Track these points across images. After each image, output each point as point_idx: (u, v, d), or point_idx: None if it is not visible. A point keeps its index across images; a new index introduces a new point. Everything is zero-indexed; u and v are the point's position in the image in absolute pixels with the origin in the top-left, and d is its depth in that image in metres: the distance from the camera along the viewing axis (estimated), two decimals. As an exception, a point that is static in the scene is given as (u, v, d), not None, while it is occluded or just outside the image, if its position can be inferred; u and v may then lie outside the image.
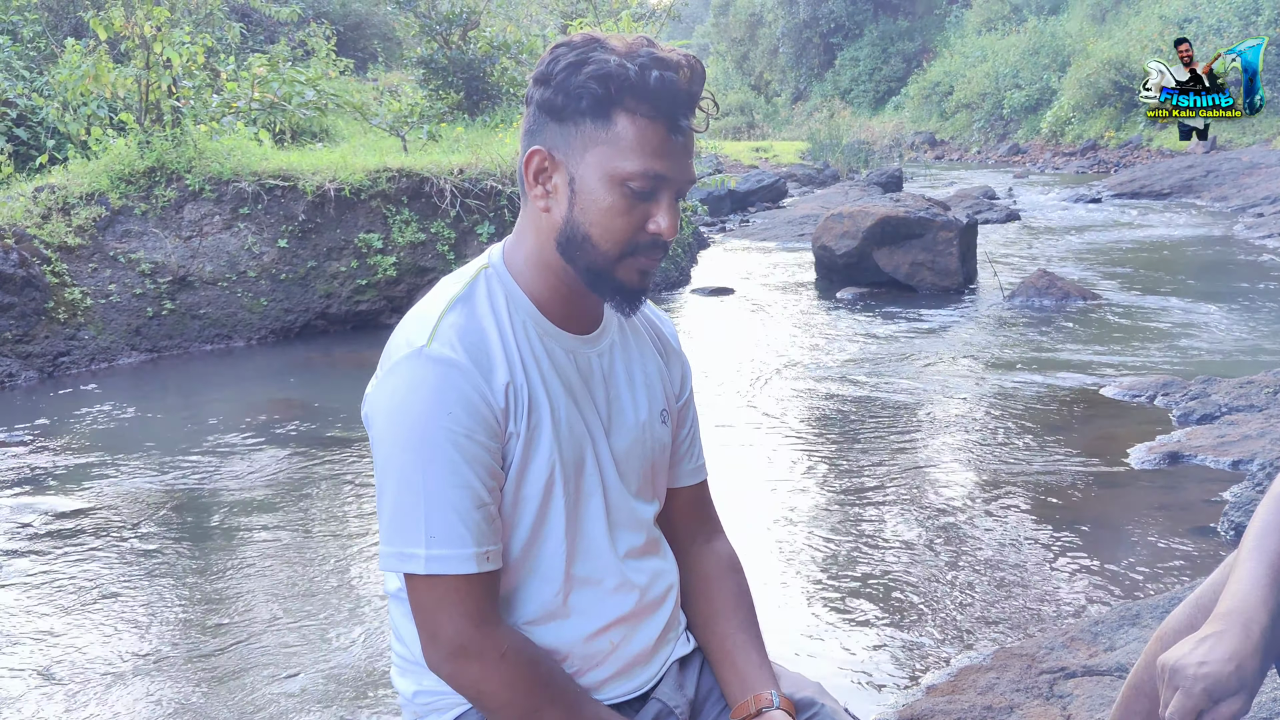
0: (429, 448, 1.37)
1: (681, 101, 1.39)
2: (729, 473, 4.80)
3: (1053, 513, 4.26)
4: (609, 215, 1.40)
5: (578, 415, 1.50)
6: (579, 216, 1.41)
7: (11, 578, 3.88)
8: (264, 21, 17.34)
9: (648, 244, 1.41)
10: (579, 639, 1.52)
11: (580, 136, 1.39)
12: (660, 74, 1.36)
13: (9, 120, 9.35)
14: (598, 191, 1.39)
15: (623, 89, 1.36)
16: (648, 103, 1.37)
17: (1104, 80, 26.21)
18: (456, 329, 1.42)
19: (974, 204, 15.22)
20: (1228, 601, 1.50)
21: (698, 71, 1.40)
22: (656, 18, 15.72)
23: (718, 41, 53.86)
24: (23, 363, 6.79)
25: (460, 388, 1.38)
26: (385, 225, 8.50)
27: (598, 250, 1.41)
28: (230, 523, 4.40)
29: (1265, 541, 1.56)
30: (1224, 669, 1.41)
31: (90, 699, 3.04)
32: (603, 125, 1.38)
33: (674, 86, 1.37)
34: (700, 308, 9.31)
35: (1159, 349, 7.02)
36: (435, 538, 1.38)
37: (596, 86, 1.36)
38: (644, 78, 1.36)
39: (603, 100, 1.37)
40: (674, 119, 1.38)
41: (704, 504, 1.75)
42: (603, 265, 1.42)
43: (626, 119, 1.37)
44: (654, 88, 1.36)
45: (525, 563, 1.49)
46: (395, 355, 1.42)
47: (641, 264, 1.43)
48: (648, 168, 1.38)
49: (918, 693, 2.90)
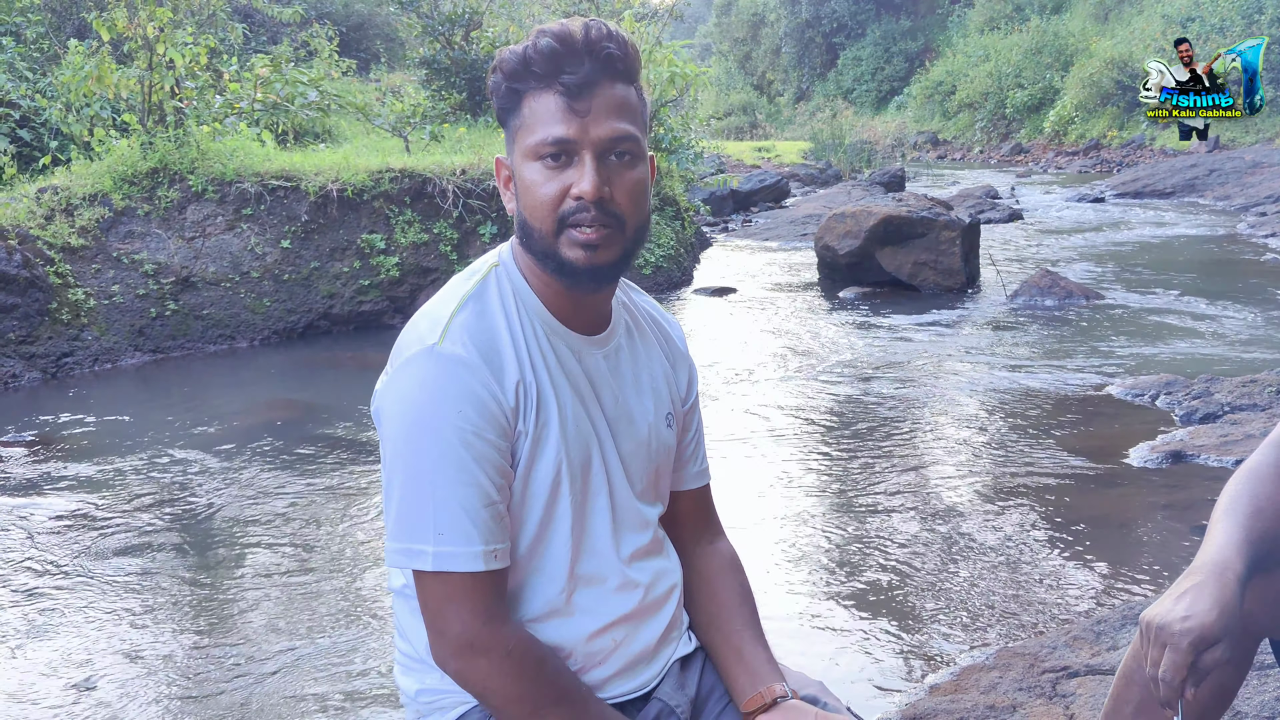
0: (438, 445, 1.37)
1: (568, 62, 1.38)
2: (732, 473, 4.81)
3: (1055, 512, 4.26)
4: (532, 191, 1.41)
5: (584, 415, 1.50)
6: (522, 206, 1.44)
7: (14, 579, 3.88)
8: (267, 22, 17.35)
9: (574, 209, 1.39)
10: (582, 637, 1.52)
11: (510, 132, 1.45)
12: (536, 42, 1.38)
13: (12, 121, 9.36)
14: (525, 175, 1.42)
15: (518, 73, 1.40)
16: (540, 76, 1.39)
17: (1106, 79, 26.20)
18: (467, 327, 1.42)
19: (977, 204, 15.21)
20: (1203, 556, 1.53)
21: (596, 30, 1.39)
22: (658, 18, 15.69)
23: (720, 41, 53.86)
24: (26, 363, 6.80)
25: (470, 386, 1.38)
26: (388, 226, 8.51)
27: (536, 230, 1.42)
28: (234, 524, 4.41)
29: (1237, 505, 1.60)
30: (1207, 619, 1.42)
31: (91, 698, 3.04)
32: (517, 114, 1.43)
33: (555, 50, 1.38)
34: (703, 307, 9.32)
35: (1162, 348, 7.01)
36: (443, 534, 1.38)
37: (502, 80, 1.42)
38: (531, 52, 1.38)
39: (512, 92, 1.42)
40: (564, 81, 1.38)
41: (707, 507, 1.76)
42: (546, 245, 1.42)
43: (529, 98, 1.41)
44: (539, 58, 1.38)
45: (531, 560, 1.49)
46: (406, 352, 1.42)
47: (579, 236, 1.40)
48: (547, 134, 1.38)
49: (921, 692, 2.90)
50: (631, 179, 1.42)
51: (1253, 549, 1.54)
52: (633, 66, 1.43)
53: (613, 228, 1.41)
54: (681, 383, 1.69)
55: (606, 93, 1.39)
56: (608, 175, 1.39)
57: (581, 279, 1.44)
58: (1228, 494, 1.64)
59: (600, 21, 1.39)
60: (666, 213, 11.27)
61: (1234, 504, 1.61)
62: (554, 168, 1.39)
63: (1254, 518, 1.58)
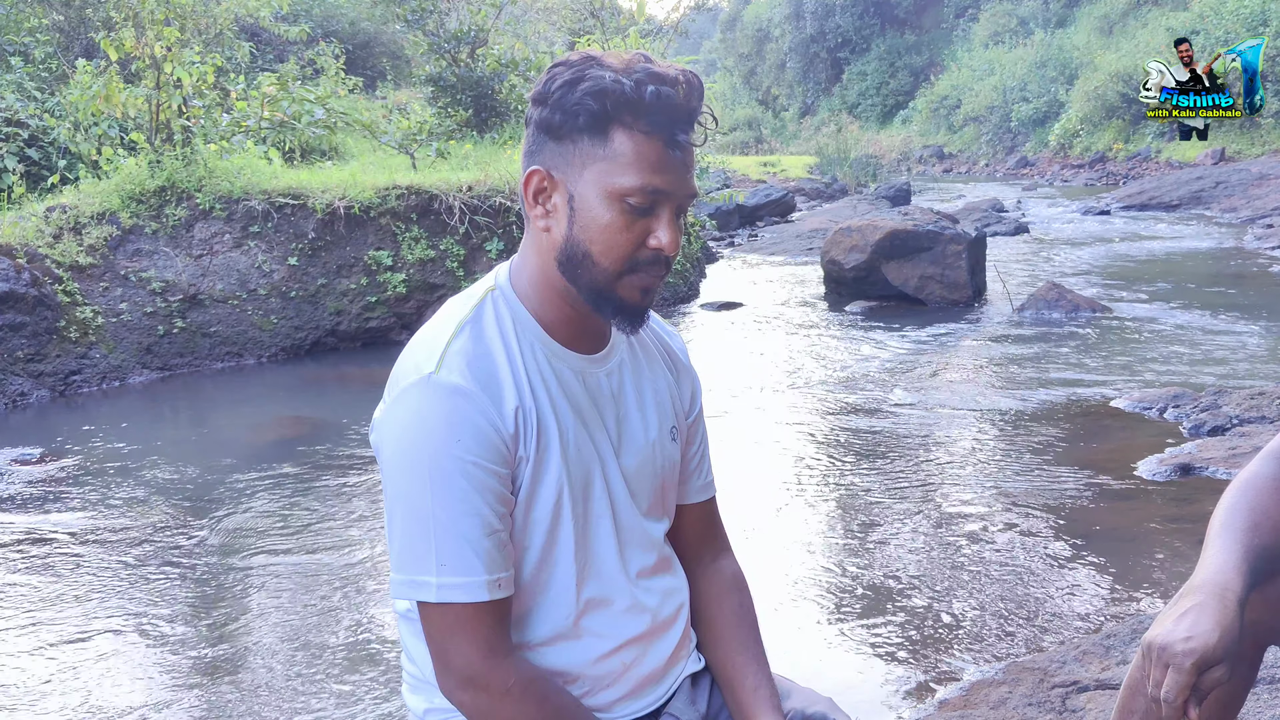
0: (438, 476, 1.36)
1: (679, 116, 1.38)
2: (738, 488, 4.80)
3: (1064, 525, 4.25)
4: (609, 232, 1.38)
5: (586, 436, 1.49)
6: (579, 234, 1.40)
7: (22, 596, 3.88)
8: (273, 40, 17.43)
9: (648, 260, 1.40)
10: (591, 660, 1.51)
11: (578, 154, 1.39)
12: (656, 89, 1.36)
13: (21, 140, 9.41)
14: (597, 208, 1.38)
15: (619, 105, 1.35)
16: (644, 118, 1.36)
17: (1112, 92, 26.23)
18: (465, 355, 1.41)
19: (983, 217, 15.22)
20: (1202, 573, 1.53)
21: (695, 86, 1.39)
22: (664, 34, 15.76)
23: (725, 57, 54.05)
24: (35, 382, 6.82)
25: (469, 415, 1.37)
26: (395, 242, 8.52)
27: (599, 267, 1.40)
28: (241, 541, 4.41)
29: (1233, 519, 1.60)
30: (1209, 640, 1.43)
31: (98, 716, 3.04)
32: (600, 142, 1.37)
33: (671, 101, 1.36)
34: (709, 322, 9.32)
35: (1169, 361, 7.00)
36: (446, 565, 1.37)
37: (593, 103, 1.36)
38: (640, 93, 1.35)
39: (599, 116, 1.36)
40: (671, 134, 1.37)
41: (712, 521, 1.74)
42: (604, 283, 1.41)
43: (624, 134, 1.36)
44: (650, 103, 1.35)
45: (536, 585, 1.48)
46: (403, 382, 1.41)
47: (643, 281, 1.41)
48: (646, 183, 1.36)
49: (930, 708, 2.89)
50: (680, 228, 1.43)
51: (1251, 565, 1.54)
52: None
53: (665, 275, 1.44)
54: (685, 395, 1.68)
55: (691, 152, 1.41)
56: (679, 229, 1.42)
57: (633, 319, 1.45)
58: (1224, 506, 1.63)
59: (695, 75, 1.40)
60: (672, 228, 11.25)
61: (1231, 517, 1.60)
62: (634, 213, 1.38)
63: (1251, 532, 1.58)
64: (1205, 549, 1.58)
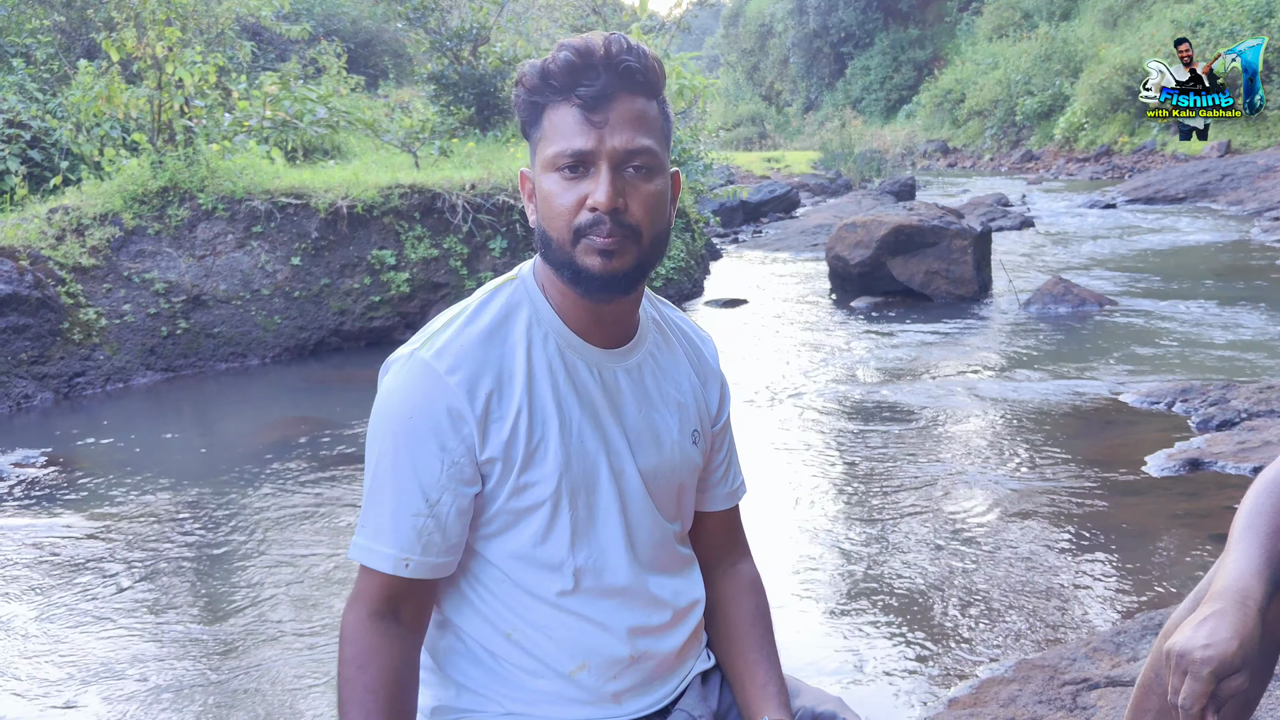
0: (386, 447, 1.43)
1: (590, 75, 1.38)
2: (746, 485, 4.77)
3: (1072, 521, 4.22)
4: (549, 202, 1.42)
5: (594, 431, 1.49)
6: (541, 217, 1.45)
7: (27, 598, 3.87)
8: (275, 40, 17.43)
9: (590, 220, 1.39)
10: (597, 649, 1.51)
11: (532, 145, 1.46)
12: (560, 55, 1.39)
13: (23, 142, 9.41)
14: (542, 185, 1.43)
15: (541, 87, 1.41)
16: (558, 89, 1.40)
17: (1116, 85, 26.13)
18: (451, 338, 1.45)
19: (988, 211, 15.18)
20: (1223, 580, 1.52)
21: (616, 41, 1.39)
22: (666, 30, 15.72)
23: (728, 53, 54.01)
24: (38, 384, 6.81)
25: (428, 394, 1.42)
26: (398, 241, 8.51)
27: (554, 240, 1.43)
28: (246, 542, 4.39)
29: (1256, 521, 1.58)
30: (1228, 649, 1.42)
31: (102, 718, 3.03)
32: (537, 127, 1.44)
33: (577, 62, 1.38)
34: (714, 319, 9.29)
35: (1177, 355, 6.96)
36: (366, 527, 1.45)
37: (523, 93, 1.44)
38: (550, 65, 1.39)
39: (533, 105, 1.43)
40: (583, 95, 1.38)
41: (734, 527, 1.74)
42: (564, 256, 1.42)
43: (548, 111, 1.42)
44: (558, 70, 1.39)
45: (526, 572, 1.50)
46: (395, 358, 1.49)
47: (595, 244, 1.40)
48: (565, 146, 1.39)
49: (939, 706, 2.87)
50: (647, 191, 1.41)
51: (1273, 571, 1.53)
52: (653, 80, 1.43)
53: (627, 237, 1.40)
54: (713, 400, 1.67)
55: (624, 105, 1.40)
56: (623, 187, 1.39)
57: (596, 286, 1.42)
58: (1247, 508, 1.61)
59: (621, 35, 1.40)
60: (676, 224, 11.26)
61: (1254, 519, 1.58)
62: (571, 179, 1.40)
63: (1274, 537, 1.56)
64: (1226, 553, 1.57)
